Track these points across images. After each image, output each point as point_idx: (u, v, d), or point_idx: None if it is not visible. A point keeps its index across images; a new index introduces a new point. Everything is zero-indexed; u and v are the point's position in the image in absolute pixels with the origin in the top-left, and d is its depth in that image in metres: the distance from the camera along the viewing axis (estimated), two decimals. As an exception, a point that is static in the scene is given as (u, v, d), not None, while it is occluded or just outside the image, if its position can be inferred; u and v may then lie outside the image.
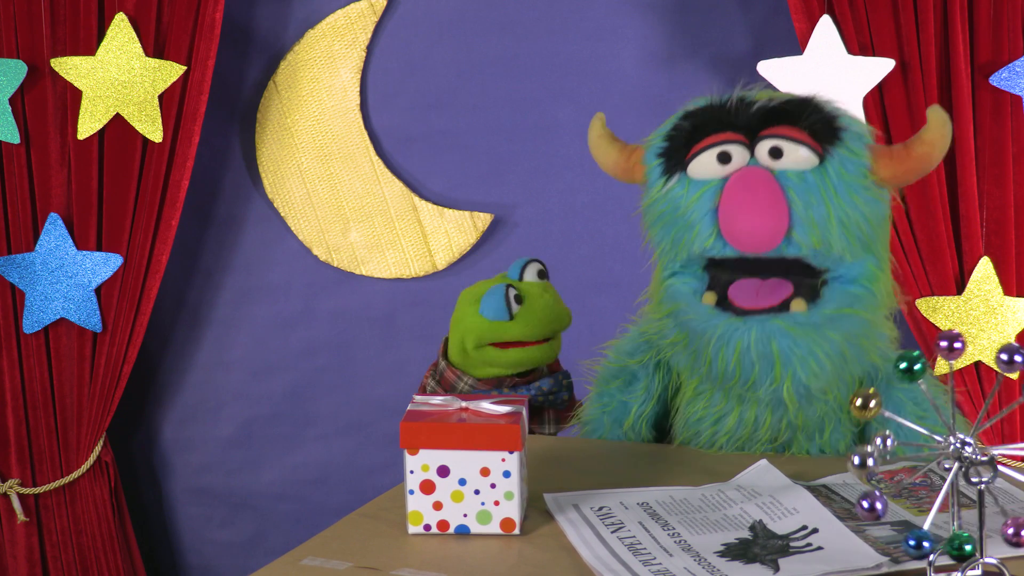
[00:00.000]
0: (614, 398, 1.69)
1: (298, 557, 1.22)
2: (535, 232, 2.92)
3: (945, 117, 1.52)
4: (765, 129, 1.49)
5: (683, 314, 1.52)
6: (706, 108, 1.54)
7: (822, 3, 2.56)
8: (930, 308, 2.58)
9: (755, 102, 1.51)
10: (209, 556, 3.12)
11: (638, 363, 1.68)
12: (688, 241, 1.50)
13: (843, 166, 1.47)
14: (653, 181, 1.56)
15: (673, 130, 1.55)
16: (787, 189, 1.46)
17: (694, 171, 1.51)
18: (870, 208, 1.49)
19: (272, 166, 2.94)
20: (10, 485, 2.89)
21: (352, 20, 2.88)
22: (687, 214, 1.50)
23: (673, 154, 1.54)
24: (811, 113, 1.50)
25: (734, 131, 1.50)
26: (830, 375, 1.49)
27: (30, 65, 2.76)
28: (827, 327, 1.47)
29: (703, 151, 1.50)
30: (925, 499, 1.36)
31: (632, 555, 1.21)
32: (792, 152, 1.47)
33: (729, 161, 1.49)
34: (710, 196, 1.49)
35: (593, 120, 1.71)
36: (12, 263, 2.82)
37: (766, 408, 1.53)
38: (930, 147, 1.51)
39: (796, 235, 1.46)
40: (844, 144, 1.48)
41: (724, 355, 1.47)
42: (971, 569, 1.09)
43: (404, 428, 1.28)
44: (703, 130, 1.52)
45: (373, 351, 3.00)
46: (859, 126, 1.53)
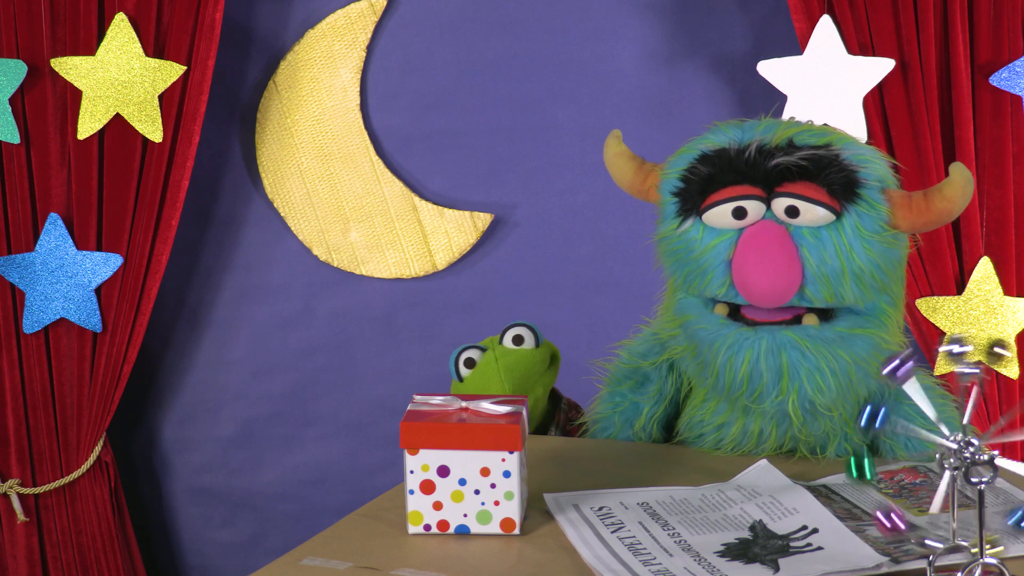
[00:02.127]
0: (626, 398, 1.69)
1: (298, 557, 1.22)
2: (535, 232, 2.92)
3: (968, 176, 1.51)
4: (782, 185, 1.48)
5: (693, 324, 1.53)
6: (724, 155, 1.52)
7: (822, 3, 2.56)
8: (930, 308, 2.58)
9: (774, 153, 1.50)
10: (209, 556, 3.11)
11: (651, 365, 1.68)
12: (701, 284, 1.51)
13: (860, 220, 1.47)
14: (668, 216, 1.56)
15: (690, 172, 1.54)
16: (801, 247, 1.46)
17: (709, 220, 1.51)
18: (885, 257, 1.49)
19: (272, 166, 2.94)
20: (10, 485, 2.89)
21: (352, 20, 2.88)
22: (700, 259, 1.51)
23: (689, 197, 1.53)
24: (829, 168, 1.48)
25: (751, 184, 1.49)
26: (835, 393, 1.49)
27: (30, 65, 2.76)
28: (838, 345, 1.47)
29: (719, 203, 1.50)
30: (925, 499, 1.36)
31: (632, 555, 1.21)
32: (808, 212, 1.47)
33: (744, 216, 1.49)
34: (725, 247, 1.49)
35: (609, 138, 1.70)
36: (12, 263, 2.82)
37: (771, 421, 1.53)
38: (950, 203, 1.50)
39: (809, 292, 1.47)
40: (862, 199, 1.48)
41: (733, 365, 1.47)
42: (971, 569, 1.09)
43: (404, 428, 1.28)
44: (720, 180, 1.51)
45: (373, 351, 3.00)
46: (878, 170, 1.51)
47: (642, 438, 1.68)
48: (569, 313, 2.92)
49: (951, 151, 2.55)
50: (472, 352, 1.77)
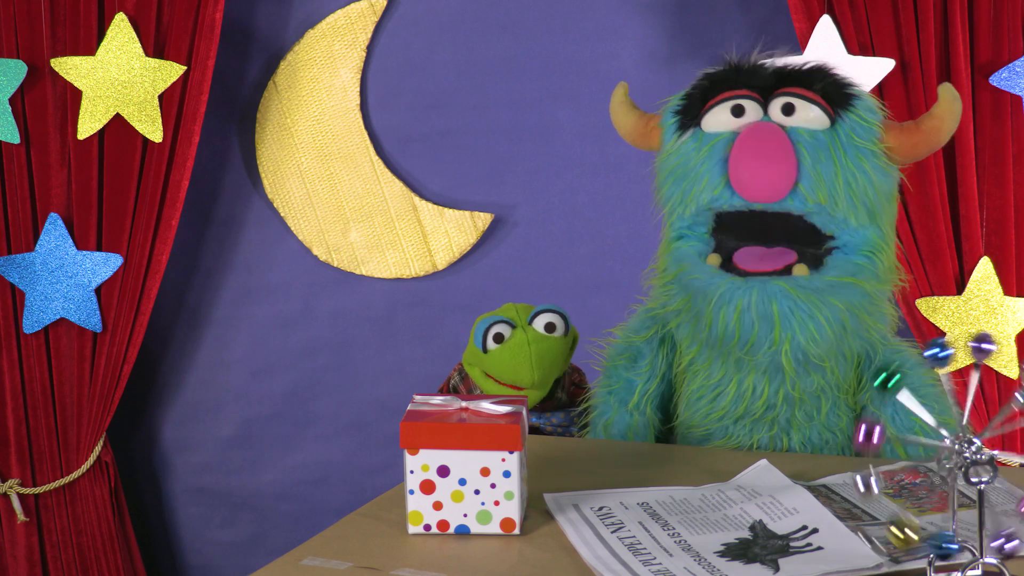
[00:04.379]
0: (620, 377, 1.71)
1: (298, 557, 1.22)
2: (535, 232, 2.92)
3: (955, 94, 1.57)
4: (779, 88, 1.53)
5: (687, 275, 1.54)
6: (723, 68, 1.59)
7: (822, 3, 2.56)
8: (930, 308, 2.58)
9: (771, 63, 1.56)
10: (209, 556, 3.12)
11: (643, 339, 1.70)
12: (697, 192, 1.53)
13: (853, 131, 1.51)
14: (668, 138, 1.60)
15: (691, 88, 1.60)
16: (797, 144, 1.49)
17: (708, 124, 1.55)
18: (878, 177, 1.52)
19: (272, 166, 2.94)
20: (10, 485, 2.89)
21: (352, 20, 2.88)
22: (697, 165, 1.53)
23: (689, 110, 1.58)
24: (824, 77, 1.54)
25: (749, 88, 1.54)
26: (829, 342, 1.50)
27: (30, 65, 2.76)
28: (828, 293, 1.49)
29: (717, 105, 1.54)
30: (925, 499, 1.36)
31: (632, 555, 1.21)
32: (804, 110, 1.51)
33: (742, 115, 1.53)
34: (721, 147, 1.52)
35: (616, 88, 1.77)
36: (12, 263, 2.82)
37: (763, 375, 1.54)
38: (939, 121, 1.55)
39: (803, 188, 1.48)
40: (855, 111, 1.52)
41: (725, 315, 1.49)
42: (971, 569, 1.09)
43: (404, 428, 1.28)
44: (719, 86, 1.57)
45: (373, 351, 3.00)
46: (871, 99, 1.58)
47: (637, 419, 1.69)
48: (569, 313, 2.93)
49: (951, 151, 2.55)
50: (501, 327, 1.78)
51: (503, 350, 1.80)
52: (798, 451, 1.59)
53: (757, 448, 1.60)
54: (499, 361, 1.80)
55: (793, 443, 1.59)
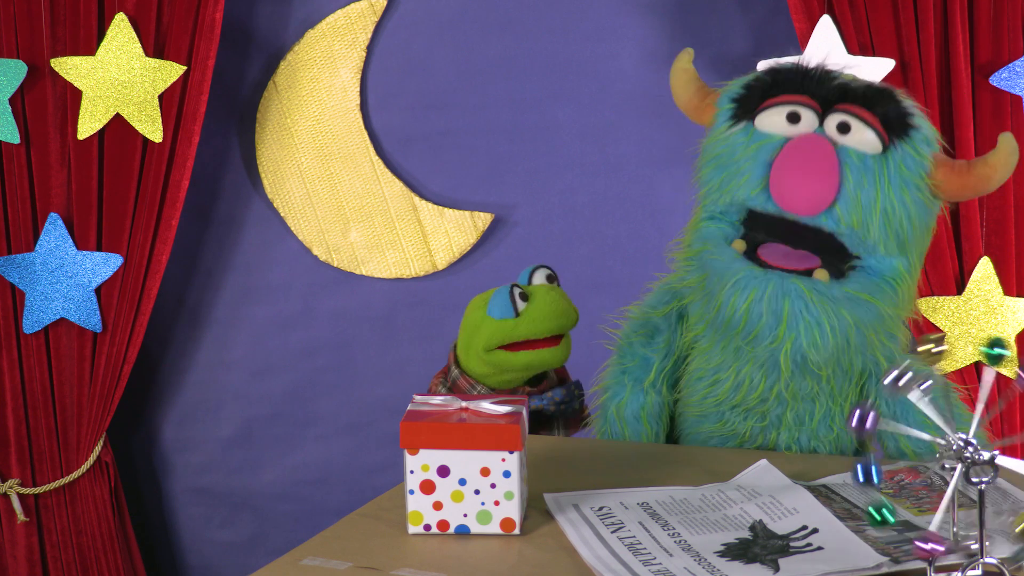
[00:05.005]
0: (636, 354, 1.69)
1: (298, 557, 1.22)
2: (535, 232, 2.92)
3: (1014, 146, 1.53)
4: (840, 103, 1.51)
5: (709, 254, 1.53)
6: (791, 68, 1.56)
7: (822, 3, 2.56)
8: (930, 308, 2.58)
9: (838, 76, 1.54)
10: (209, 556, 3.11)
11: (660, 315, 1.69)
12: (735, 186, 1.52)
13: (904, 161, 1.49)
14: (720, 123, 1.58)
15: (754, 80, 1.58)
16: (844, 164, 1.47)
17: (762, 123, 1.53)
18: (917, 210, 1.50)
19: (272, 166, 2.94)
20: (10, 485, 2.89)
21: (352, 20, 2.88)
22: (742, 160, 1.52)
23: (746, 102, 1.56)
24: (888, 102, 1.52)
25: (810, 97, 1.52)
26: (830, 352, 1.49)
27: (30, 65, 2.76)
28: (842, 304, 1.48)
29: (775, 106, 1.52)
30: (925, 499, 1.36)
31: (632, 555, 1.21)
32: (859, 131, 1.49)
33: (797, 122, 1.51)
34: (769, 150, 1.50)
35: (681, 53, 1.72)
36: (12, 263, 2.82)
37: (760, 369, 1.53)
38: (992, 171, 1.52)
39: (838, 209, 1.47)
40: (911, 141, 1.50)
41: (735, 301, 1.48)
42: (971, 569, 1.09)
43: (404, 428, 1.28)
44: (781, 87, 1.54)
45: (373, 351, 3.00)
46: (930, 131, 1.54)
47: (652, 399, 1.67)
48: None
49: (951, 151, 2.55)
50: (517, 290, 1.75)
51: (540, 300, 1.74)
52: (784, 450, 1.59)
53: (748, 436, 1.59)
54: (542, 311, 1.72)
55: (781, 440, 1.59)
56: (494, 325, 1.73)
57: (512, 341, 1.74)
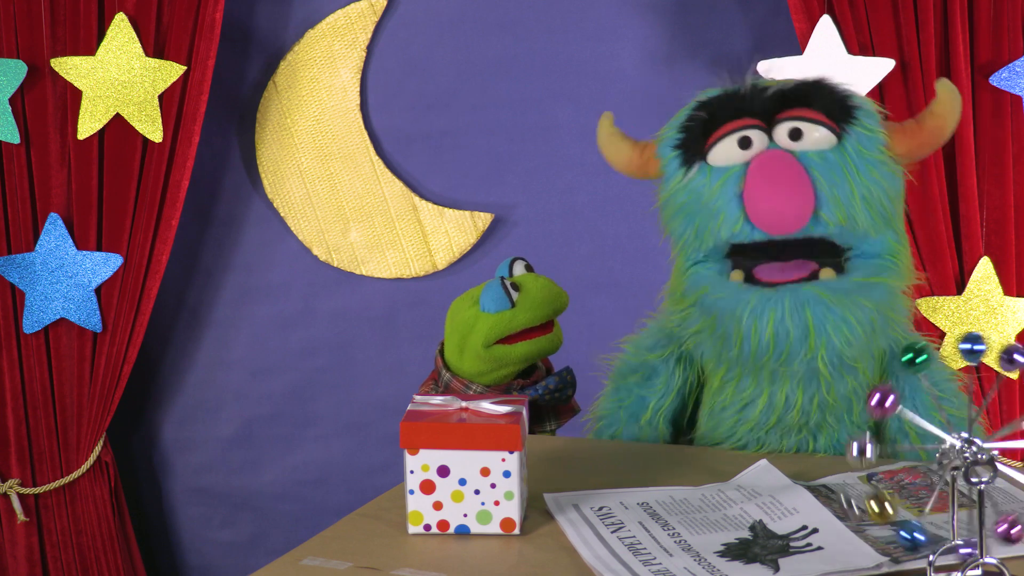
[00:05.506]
0: (632, 393, 1.67)
1: (298, 557, 1.22)
2: (535, 232, 2.92)
3: (954, 89, 1.54)
4: (781, 112, 1.50)
5: (710, 296, 1.51)
6: (720, 96, 1.55)
7: (822, 3, 2.56)
8: (930, 308, 2.58)
9: (768, 87, 1.53)
10: (209, 556, 3.12)
11: (658, 357, 1.66)
12: (714, 229, 1.50)
13: (860, 143, 1.49)
14: (671, 173, 1.56)
15: (688, 120, 1.56)
16: (810, 169, 1.47)
17: (715, 159, 1.51)
18: (889, 183, 1.50)
19: (272, 166, 2.94)
20: (10, 485, 2.89)
21: (352, 20, 2.88)
22: (711, 202, 1.50)
23: (691, 144, 1.54)
24: (824, 94, 1.52)
25: (751, 116, 1.51)
26: (862, 343, 1.48)
27: (30, 65, 2.76)
28: (858, 294, 1.47)
29: (722, 138, 1.51)
30: (925, 499, 1.36)
31: (632, 555, 1.21)
32: (811, 132, 1.49)
33: (750, 146, 1.50)
34: (734, 181, 1.49)
35: (601, 120, 1.71)
36: (12, 263, 2.82)
37: (798, 385, 1.52)
38: (941, 119, 1.53)
39: (823, 214, 1.47)
40: (859, 122, 1.50)
41: (758, 329, 1.46)
42: (971, 569, 1.09)
43: (404, 428, 1.28)
44: (720, 118, 1.53)
45: (373, 351, 3.00)
46: (870, 104, 1.55)
47: (647, 433, 1.67)
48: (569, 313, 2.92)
49: (951, 151, 2.55)
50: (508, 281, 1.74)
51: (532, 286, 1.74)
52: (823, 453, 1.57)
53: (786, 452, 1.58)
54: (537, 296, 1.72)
55: (819, 446, 1.57)
56: (492, 319, 1.72)
57: (511, 332, 1.73)
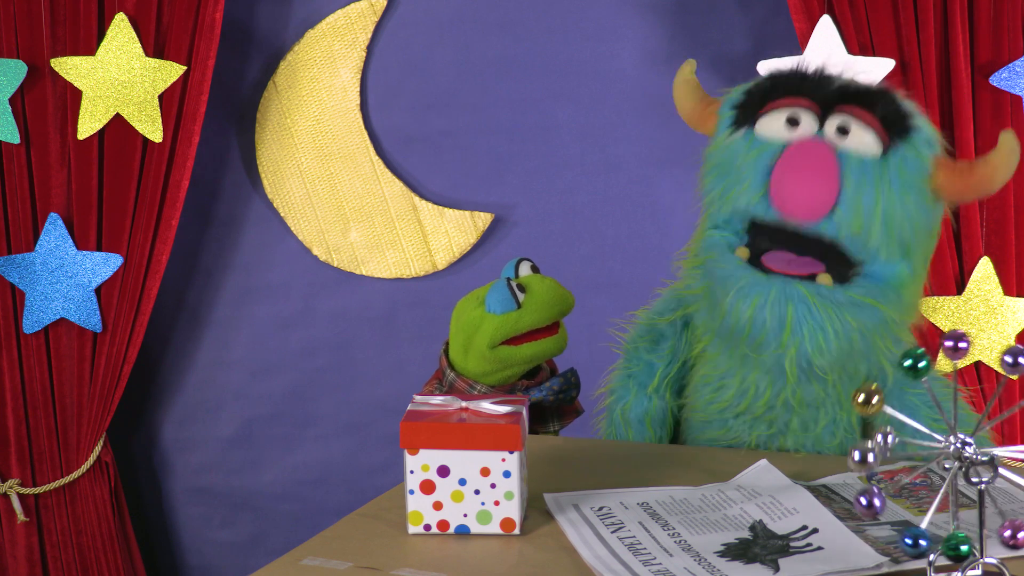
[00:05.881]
0: (641, 359, 1.69)
1: (298, 557, 1.22)
2: (535, 232, 2.92)
3: (1015, 144, 1.52)
4: (839, 105, 1.50)
5: (712, 263, 1.53)
6: (790, 72, 1.56)
7: (822, 3, 2.56)
8: (930, 308, 2.58)
9: (838, 78, 1.53)
10: (209, 556, 3.12)
11: (666, 321, 1.68)
12: (736, 194, 1.51)
13: (904, 163, 1.48)
14: (722, 130, 1.57)
15: (754, 85, 1.57)
16: (843, 168, 1.47)
17: (761, 129, 1.52)
18: (918, 213, 1.49)
19: (272, 166, 2.94)
20: (10, 485, 2.89)
21: (352, 20, 2.88)
22: (742, 168, 1.51)
23: (746, 108, 1.55)
24: (888, 103, 1.51)
25: (810, 99, 1.51)
26: (835, 357, 1.48)
27: (30, 65, 2.76)
28: (846, 309, 1.47)
29: (774, 111, 1.51)
30: (925, 499, 1.36)
31: (632, 555, 1.21)
32: (858, 134, 1.48)
33: (797, 126, 1.50)
34: (768, 156, 1.49)
35: (684, 65, 1.71)
36: (12, 263, 2.82)
37: (766, 376, 1.53)
38: (994, 170, 1.51)
39: (839, 214, 1.46)
40: (911, 143, 1.49)
41: (739, 308, 1.47)
42: (971, 569, 1.09)
43: (404, 428, 1.28)
44: (780, 91, 1.53)
45: (373, 351, 3.00)
46: (931, 132, 1.53)
47: (655, 404, 1.67)
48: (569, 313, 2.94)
49: (951, 151, 2.54)
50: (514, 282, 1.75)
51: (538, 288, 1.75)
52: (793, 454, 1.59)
53: (754, 444, 1.59)
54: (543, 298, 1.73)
55: (787, 446, 1.59)
56: (497, 320, 1.73)
57: (517, 333, 1.73)
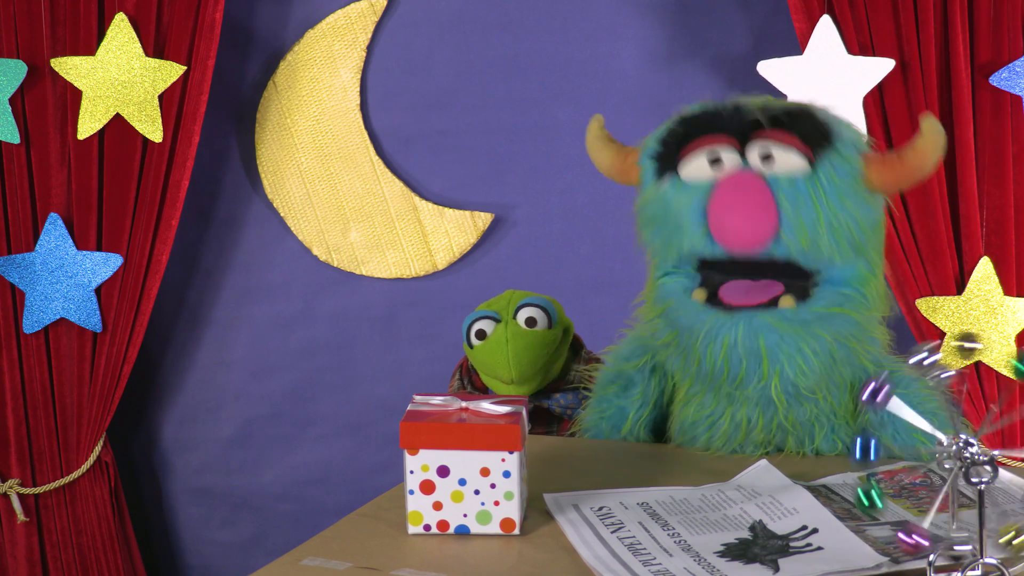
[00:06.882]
0: (612, 404, 1.69)
1: (298, 557, 1.22)
2: (535, 232, 2.92)
3: (937, 126, 1.53)
4: (756, 134, 1.50)
5: (673, 312, 1.54)
6: (700, 112, 1.57)
7: (822, 3, 2.56)
8: (930, 308, 2.58)
9: (748, 108, 1.53)
10: (209, 556, 3.11)
11: (634, 367, 1.69)
12: (678, 241, 1.52)
13: (834, 171, 1.49)
14: (646, 182, 1.58)
15: (667, 134, 1.58)
16: (777, 192, 1.47)
17: (686, 173, 1.53)
18: (861, 212, 1.50)
19: (272, 166, 2.94)
20: (10, 485, 2.89)
21: (352, 20, 2.88)
22: (678, 215, 1.52)
23: (666, 156, 1.56)
24: (803, 120, 1.51)
25: (727, 134, 1.51)
26: (818, 374, 1.49)
27: (30, 65, 2.76)
28: (816, 325, 1.48)
29: (694, 154, 1.52)
30: (925, 499, 1.36)
31: (632, 555, 1.21)
32: (782, 157, 1.49)
33: (720, 163, 1.50)
34: (700, 197, 1.50)
35: (591, 121, 1.73)
36: (12, 263, 2.82)
37: (756, 407, 1.54)
38: (922, 156, 1.52)
39: (785, 236, 1.47)
40: (835, 150, 1.49)
41: (712, 352, 1.48)
42: (971, 569, 1.09)
43: (404, 428, 1.28)
44: (696, 133, 1.54)
45: (373, 351, 3.00)
46: (852, 133, 1.54)
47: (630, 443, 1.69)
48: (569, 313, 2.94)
49: (951, 151, 2.55)
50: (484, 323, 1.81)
51: (483, 348, 1.85)
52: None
53: None
54: (480, 358, 1.86)
55: None
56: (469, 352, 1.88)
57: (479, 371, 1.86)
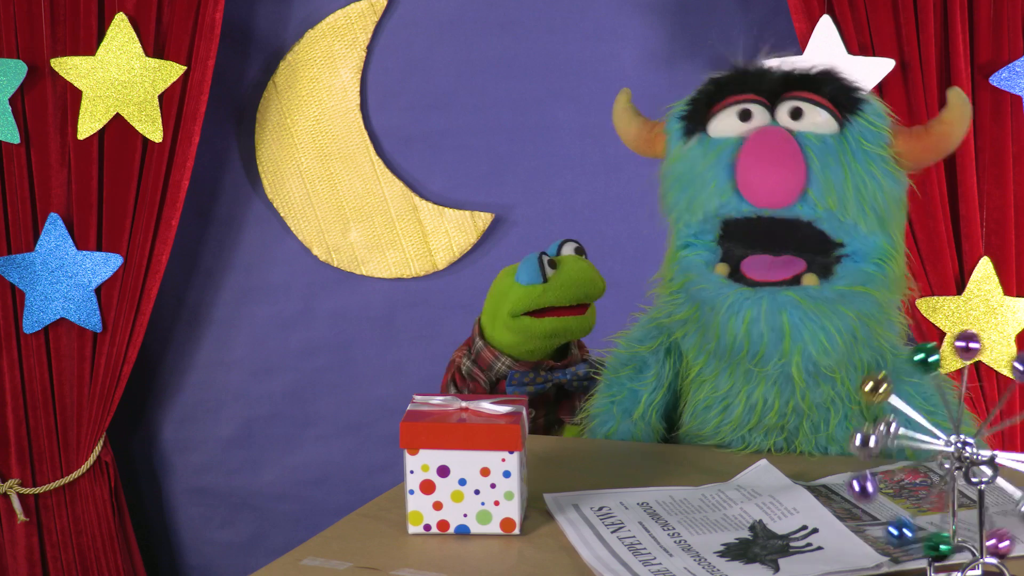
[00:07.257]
0: (624, 387, 1.68)
1: (298, 557, 1.22)
2: (535, 232, 2.92)
3: (964, 98, 1.53)
4: (786, 92, 1.51)
5: (694, 285, 1.52)
6: (729, 72, 1.56)
7: (822, 3, 2.56)
8: (930, 308, 2.58)
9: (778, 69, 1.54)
10: (209, 556, 3.12)
11: (648, 349, 1.67)
12: (705, 198, 1.50)
13: (863, 135, 1.49)
14: (673, 144, 1.57)
15: (697, 93, 1.57)
16: (806, 148, 1.47)
17: (714, 130, 1.52)
18: (888, 183, 1.50)
19: (272, 166, 2.94)
20: (10, 485, 2.89)
21: (352, 20, 2.88)
22: (704, 171, 1.51)
23: (694, 116, 1.55)
24: (833, 81, 1.52)
25: (756, 92, 1.51)
26: (840, 353, 1.48)
27: (30, 65, 2.76)
28: (839, 303, 1.47)
29: (723, 110, 1.52)
30: (925, 499, 1.36)
31: (632, 555, 1.21)
32: (812, 114, 1.49)
33: (749, 119, 1.50)
34: (728, 152, 1.49)
35: (619, 95, 1.73)
36: (12, 263, 2.82)
37: (773, 387, 1.52)
38: (949, 127, 1.52)
39: (812, 193, 1.46)
40: (864, 115, 1.50)
41: (733, 326, 1.46)
42: (971, 569, 1.08)
43: (404, 428, 1.28)
44: (725, 92, 1.54)
45: (373, 351, 3.00)
46: (879, 103, 1.54)
47: (641, 428, 1.67)
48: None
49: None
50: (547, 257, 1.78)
51: (568, 268, 1.79)
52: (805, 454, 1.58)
53: (773, 451, 1.58)
54: (569, 278, 1.78)
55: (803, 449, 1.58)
56: (521, 291, 1.77)
57: (539, 306, 1.77)
